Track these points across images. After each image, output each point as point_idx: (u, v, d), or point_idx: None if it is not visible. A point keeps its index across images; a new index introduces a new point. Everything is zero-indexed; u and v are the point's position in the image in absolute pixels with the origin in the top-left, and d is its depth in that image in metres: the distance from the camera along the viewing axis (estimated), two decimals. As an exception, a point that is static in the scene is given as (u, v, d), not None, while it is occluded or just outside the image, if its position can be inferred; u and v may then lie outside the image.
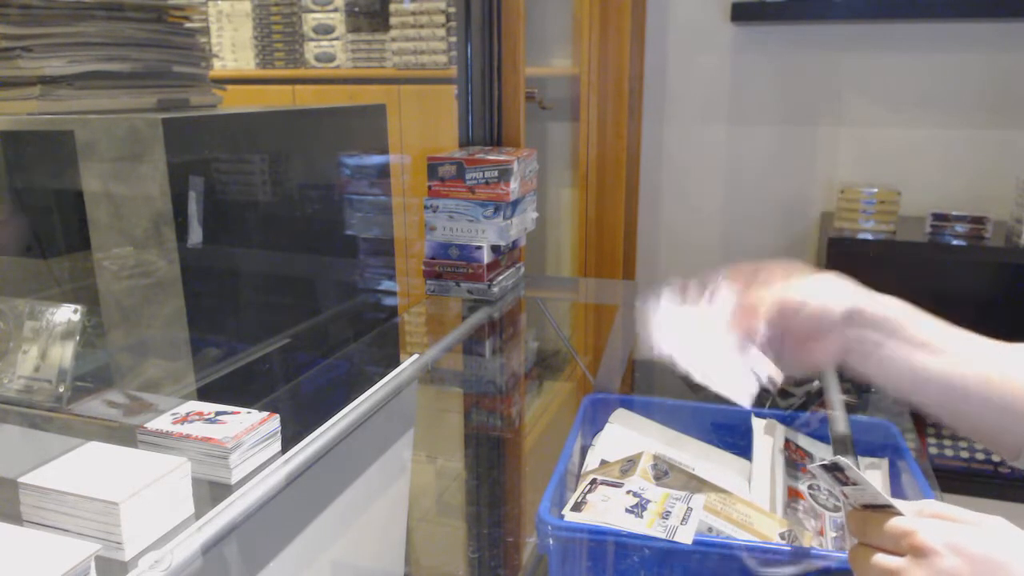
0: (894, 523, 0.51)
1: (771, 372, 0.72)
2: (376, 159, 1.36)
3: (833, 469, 0.55)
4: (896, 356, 0.69)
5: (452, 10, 2.46)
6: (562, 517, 0.78)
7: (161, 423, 0.71)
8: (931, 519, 0.51)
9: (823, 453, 1.05)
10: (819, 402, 1.01)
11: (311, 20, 2.68)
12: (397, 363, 0.96)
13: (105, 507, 0.57)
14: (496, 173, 1.28)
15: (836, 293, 0.72)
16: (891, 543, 0.51)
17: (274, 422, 0.73)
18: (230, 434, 0.68)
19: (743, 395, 0.71)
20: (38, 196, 1.03)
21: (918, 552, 0.49)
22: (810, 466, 0.68)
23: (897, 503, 0.53)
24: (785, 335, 0.72)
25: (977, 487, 2.09)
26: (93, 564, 0.52)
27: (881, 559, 0.51)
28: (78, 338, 0.81)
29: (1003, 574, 0.47)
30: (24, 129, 0.97)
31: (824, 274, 0.74)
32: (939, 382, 0.69)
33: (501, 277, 1.37)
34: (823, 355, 0.72)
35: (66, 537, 0.57)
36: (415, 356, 1.01)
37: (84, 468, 0.61)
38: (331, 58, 2.68)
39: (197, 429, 0.69)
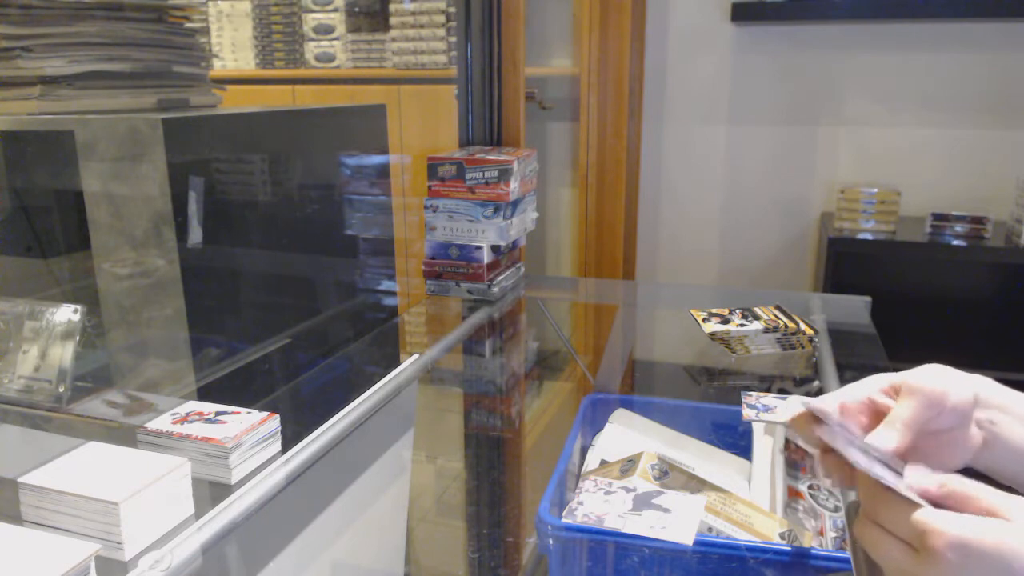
0: (906, 514, 0.48)
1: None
2: (376, 159, 1.36)
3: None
4: (1009, 434, 0.60)
5: (452, 10, 2.46)
6: (562, 517, 0.78)
7: (161, 423, 0.71)
8: (944, 512, 0.47)
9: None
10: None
11: (311, 20, 2.68)
12: (397, 363, 0.96)
13: (105, 507, 0.57)
14: (496, 173, 1.28)
15: (957, 380, 0.60)
16: (903, 532, 0.48)
17: (274, 422, 0.73)
18: (230, 434, 0.68)
19: None
20: (38, 196, 1.03)
21: (928, 553, 0.46)
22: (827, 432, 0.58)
23: (916, 479, 0.49)
24: (921, 437, 0.58)
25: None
26: (93, 564, 0.52)
27: (896, 554, 0.49)
28: (78, 338, 0.81)
29: (1011, 572, 0.43)
30: (24, 129, 0.97)
31: (926, 368, 0.61)
32: None
33: (501, 277, 1.37)
34: (965, 446, 0.59)
35: (66, 537, 0.57)
36: (415, 356, 1.01)
37: (84, 468, 0.61)
38: (331, 58, 2.68)
39: (197, 429, 0.69)
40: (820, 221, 2.44)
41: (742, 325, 1.21)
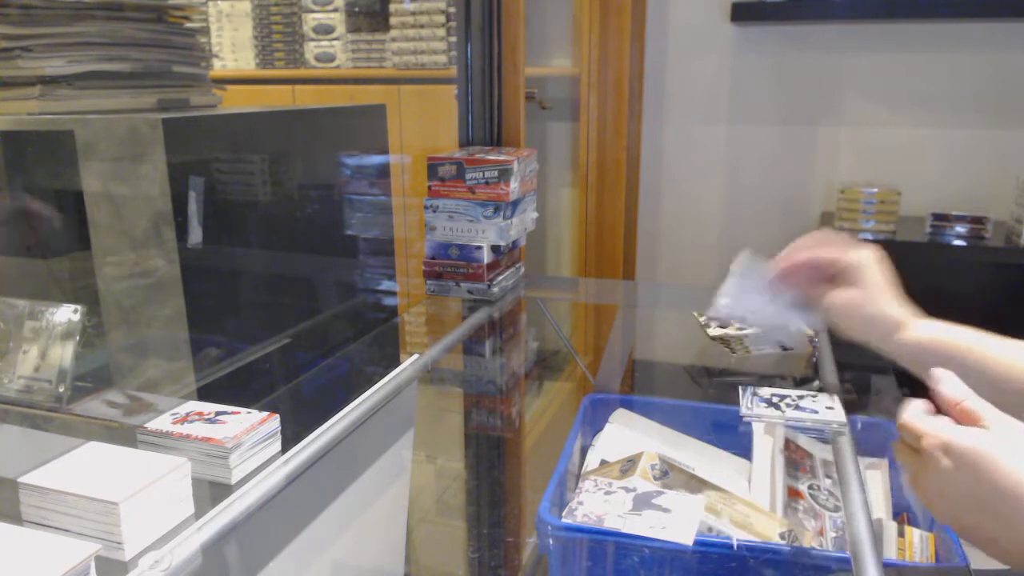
0: (914, 431, 0.62)
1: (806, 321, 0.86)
2: (376, 159, 1.36)
3: None
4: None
5: (452, 10, 2.46)
6: (562, 517, 0.78)
7: (161, 423, 0.71)
8: (935, 420, 0.61)
9: (824, 454, 1.05)
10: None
11: (311, 20, 2.68)
12: (397, 363, 0.96)
13: (105, 507, 0.57)
14: (496, 173, 1.28)
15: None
16: (911, 442, 0.63)
17: (274, 422, 0.73)
18: (230, 434, 0.68)
19: (785, 338, 0.86)
20: (38, 196, 1.03)
21: (922, 451, 0.60)
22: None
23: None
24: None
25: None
26: (93, 564, 0.52)
27: (907, 455, 0.64)
28: (78, 338, 0.81)
29: (985, 465, 0.56)
30: (24, 129, 0.97)
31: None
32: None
33: (501, 277, 1.37)
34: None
35: (66, 537, 0.57)
36: (415, 356, 1.01)
37: (84, 468, 0.61)
38: (331, 58, 2.68)
39: (197, 429, 0.69)
40: (820, 221, 2.44)
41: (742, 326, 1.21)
